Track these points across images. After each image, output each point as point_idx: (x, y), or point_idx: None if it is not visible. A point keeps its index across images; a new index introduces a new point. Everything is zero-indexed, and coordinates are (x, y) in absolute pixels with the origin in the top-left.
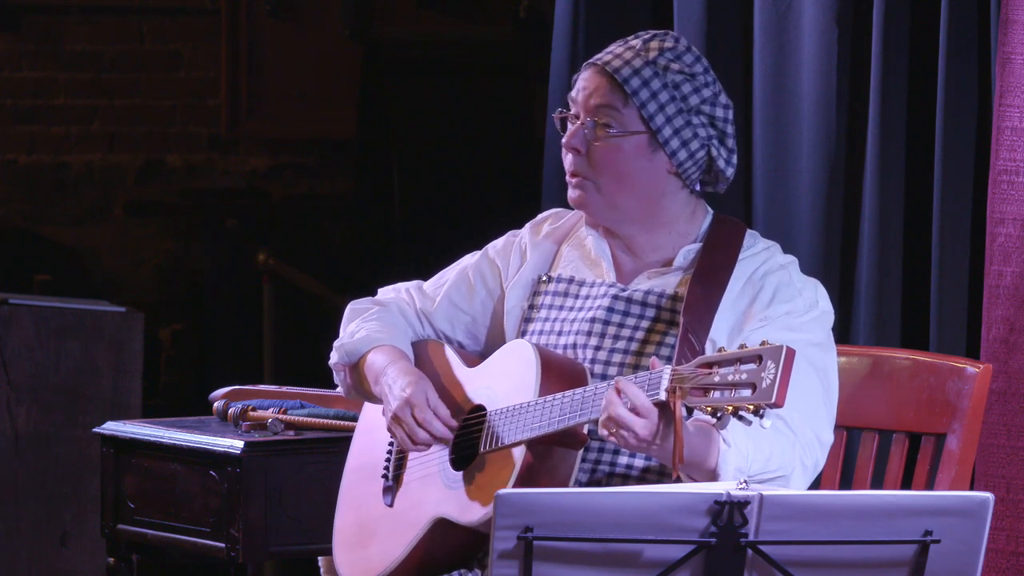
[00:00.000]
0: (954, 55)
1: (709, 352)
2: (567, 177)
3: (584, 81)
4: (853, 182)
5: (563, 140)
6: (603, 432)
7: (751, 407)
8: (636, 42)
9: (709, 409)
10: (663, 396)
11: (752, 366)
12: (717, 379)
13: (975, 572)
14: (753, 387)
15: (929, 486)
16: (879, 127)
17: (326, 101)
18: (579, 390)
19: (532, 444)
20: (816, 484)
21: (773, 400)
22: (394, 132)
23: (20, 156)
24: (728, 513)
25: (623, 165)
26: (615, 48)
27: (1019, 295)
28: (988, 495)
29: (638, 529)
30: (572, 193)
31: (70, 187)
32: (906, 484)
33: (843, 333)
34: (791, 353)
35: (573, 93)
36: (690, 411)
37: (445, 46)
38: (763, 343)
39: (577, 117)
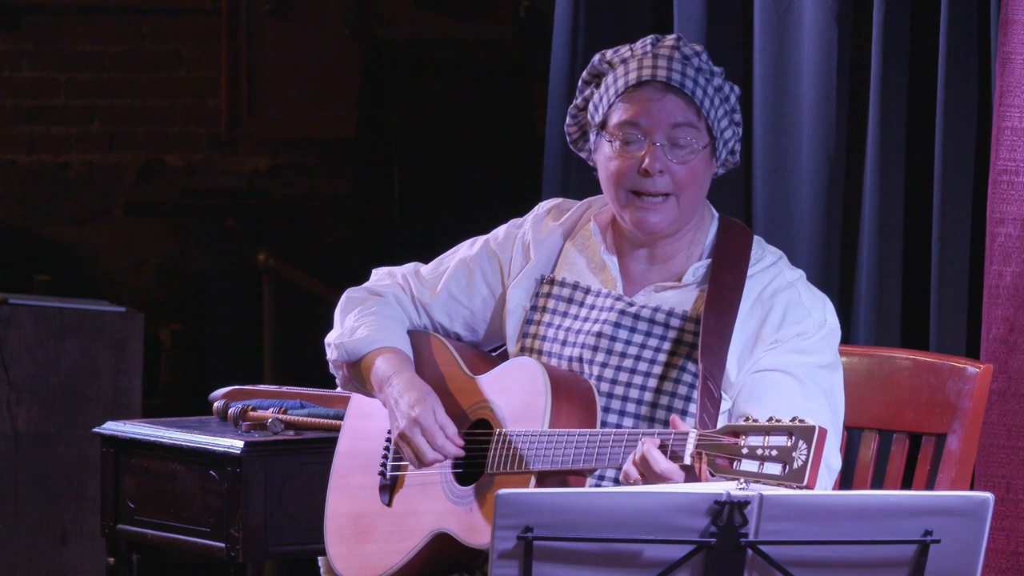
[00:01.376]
0: (954, 55)
1: (725, 387)
2: (635, 200)
3: (650, 102)
4: (853, 182)
5: (638, 162)
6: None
7: (782, 486)
8: (671, 52)
9: (736, 481)
10: (688, 461)
11: (781, 441)
12: (745, 450)
13: (975, 572)
14: (784, 465)
15: (929, 486)
16: (879, 127)
17: (326, 101)
18: (596, 433)
19: (543, 473)
20: None
21: (805, 483)
22: (394, 132)
23: (20, 156)
24: (728, 513)
25: (702, 177)
26: (656, 60)
27: (1019, 295)
28: (988, 495)
29: (638, 529)
30: (649, 216)
31: (70, 187)
32: (906, 484)
33: (843, 333)
34: (823, 434)
35: (631, 118)
36: (713, 475)
37: (445, 46)
38: (794, 419)
39: (644, 137)
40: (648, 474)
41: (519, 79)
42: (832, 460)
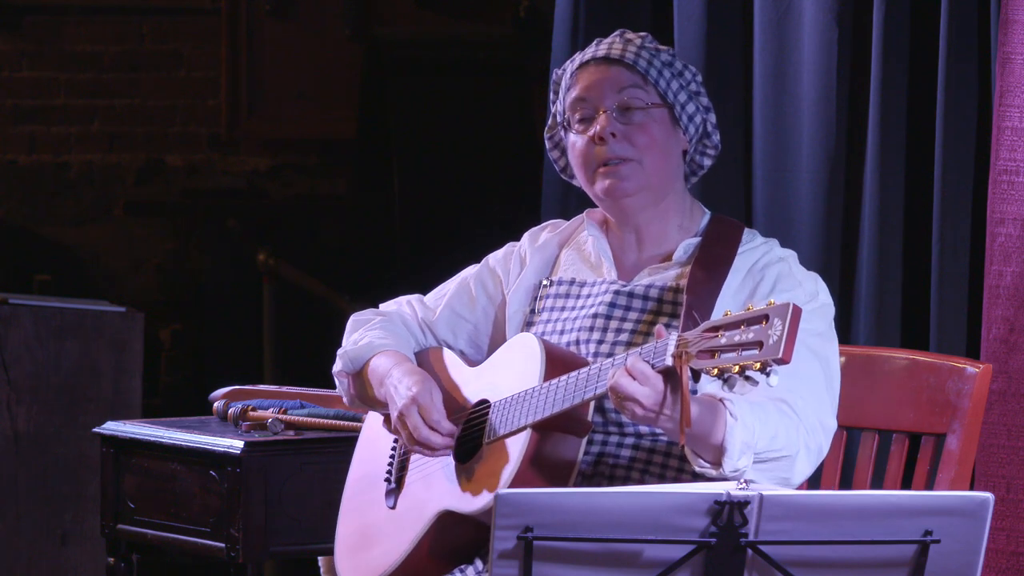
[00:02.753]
0: (954, 55)
1: None
2: (599, 169)
3: (592, 76)
4: (853, 182)
5: (592, 133)
6: (613, 400)
7: (757, 365)
8: (613, 39)
9: (716, 371)
10: (669, 362)
11: (758, 326)
12: (724, 341)
13: (975, 572)
14: (760, 345)
15: (929, 486)
16: (879, 127)
17: (326, 101)
18: (583, 370)
19: (536, 431)
20: (816, 484)
21: (780, 355)
22: (394, 132)
23: (20, 156)
24: (728, 513)
25: (662, 136)
26: (597, 47)
27: (1019, 295)
28: (988, 495)
29: (638, 529)
30: (617, 181)
31: (70, 187)
32: (906, 484)
33: (843, 333)
34: (797, 310)
35: (580, 93)
36: (696, 376)
37: (445, 46)
38: (769, 303)
39: (595, 112)
40: (618, 387)
41: (519, 79)
42: (827, 421)
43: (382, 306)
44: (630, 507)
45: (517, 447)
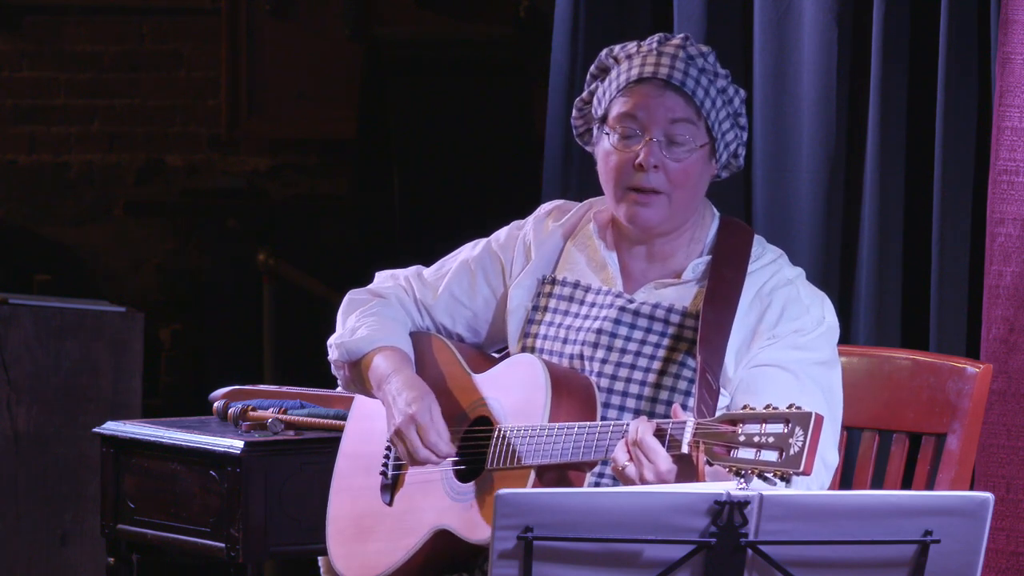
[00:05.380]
0: (954, 55)
1: (723, 382)
2: (629, 194)
3: (649, 97)
4: (853, 182)
5: (635, 159)
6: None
7: (778, 472)
8: (672, 48)
9: (733, 469)
10: (685, 450)
11: (779, 428)
12: (742, 438)
13: (975, 572)
14: (780, 452)
15: (929, 486)
16: (879, 127)
17: (326, 101)
18: (595, 425)
19: (542, 467)
20: None
21: (802, 469)
22: (394, 132)
23: (20, 156)
24: (728, 513)
25: (696, 177)
26: (659, 58)
27: (1019, 295)
28: (988, 495)
29: (638, 529)
30: (642, 211)
31: (70, 187)
32: (906, 484)
33: (843, 333)
34: (819, 420)
35: (630, 110)
36: (711, 463)
37: (445, 46)
38: (791, 406)
39: (642, 132)
40: (636, 460)
41: (519, 79)
42: (829, 456)
43: (377, 277)
44: (630, 507)
45: (525, 482)
